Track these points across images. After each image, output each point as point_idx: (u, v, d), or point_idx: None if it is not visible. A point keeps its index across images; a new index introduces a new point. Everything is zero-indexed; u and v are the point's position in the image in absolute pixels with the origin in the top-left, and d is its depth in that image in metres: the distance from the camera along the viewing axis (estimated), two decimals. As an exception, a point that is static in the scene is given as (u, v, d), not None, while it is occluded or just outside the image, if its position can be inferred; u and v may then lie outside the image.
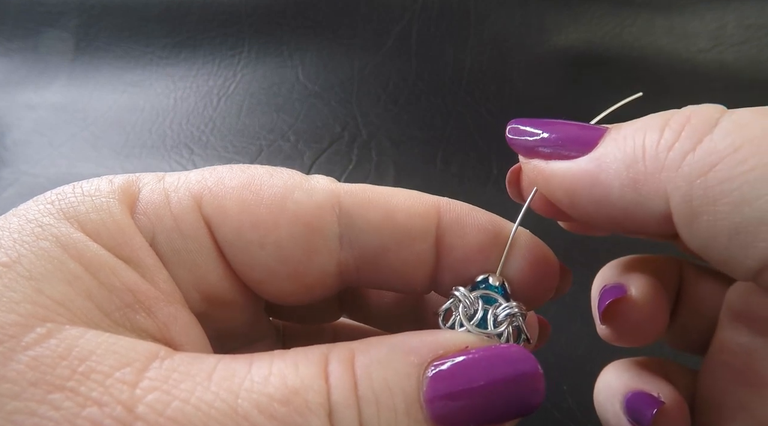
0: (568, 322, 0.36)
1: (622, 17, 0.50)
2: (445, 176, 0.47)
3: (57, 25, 0.56)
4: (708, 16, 0.50)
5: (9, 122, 0.53)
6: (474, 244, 0.19)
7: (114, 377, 0.14)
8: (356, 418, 0.15)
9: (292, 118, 0.51)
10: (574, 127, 0.19)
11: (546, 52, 0.50)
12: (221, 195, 0.19)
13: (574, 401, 0.33)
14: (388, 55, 0.51)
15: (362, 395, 0.15)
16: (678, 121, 0.17)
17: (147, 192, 0.18)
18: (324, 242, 0.19)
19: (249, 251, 0.19)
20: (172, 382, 0.14)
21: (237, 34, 0.54)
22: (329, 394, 0.15)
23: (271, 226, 0.18)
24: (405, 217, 0.19)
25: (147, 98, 0.53)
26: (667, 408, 0.21)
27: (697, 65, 0.49)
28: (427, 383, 0.15)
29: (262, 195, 0.19)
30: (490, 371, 0.15)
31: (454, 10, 0.51)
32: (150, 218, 0.18)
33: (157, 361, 0.14)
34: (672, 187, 0.16)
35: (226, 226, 0.18)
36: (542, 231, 0.24)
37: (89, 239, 0.16)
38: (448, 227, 0.20)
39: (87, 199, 0.17)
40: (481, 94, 0.49)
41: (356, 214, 0.19)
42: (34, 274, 0.15)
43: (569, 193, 0.18)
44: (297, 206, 0.19)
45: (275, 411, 0.14)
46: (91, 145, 0.51)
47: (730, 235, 0.15)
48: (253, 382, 0.14)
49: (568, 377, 0.33)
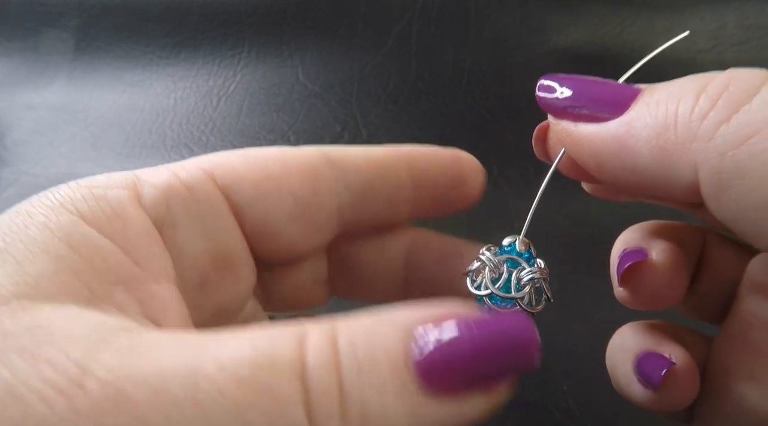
0: (568, 322, 0.36)
1: (622, 17, 0.50)
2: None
3: (57, 25, 0.56)
4: (708, 16, 0.50)
5: (9, 122, 0.53)
6: (440, 169, 0.24)
7: (75, 343, 0.13)
8: (335, 381, 0.14)
9: (292, 118, 0.51)
10: (607, 86, 0.18)
11: (546, 52, 0.50)
12: (230, 164, 0.21)
13: (574, 401, 0.33)
14: (388, 55, 0.51)
15: (343, 357, 0.14)
16: (716, 87, 0.16)
17: (151, 175, 0.19)
18: (326, 184, 0.22)
19: (267, 203, 0.21)
20: (134, 347, 0.14)
21: (237, 34, 0.54)
22: (304, 356, 0.14)
23: (285, 176, 0.21)
24: (381, 154, 0.23)
25: (147, 98, 0.53)
26: (677, 369, 0.21)
27: (697, 65, 0.49)
28: (415, 347, 0.14)
29: (264, 157, 0.21)
30: (480, 336, 0.15)
31: (454, 10, 0.51)
32: (162, 191, 0.19)
33: (123, 332, 0.14)
34: (702, 159, 0.15)
35: (244, 184, 0.21)
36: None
37: (81, 221, 0.17)
38: (415, 159, 0.23)
39: (84, 189, 0.18)
40: (481, 94, 0.49)
41: (340, 158, 0.23)
42: (18, 258, 0.15)
43: (597, 157, 0.18)
44: (297, 159, 0.22)
45: (240, 373, 0.13)
46: (91, 145, 0.51)
47: (757, 209, 0.15)
48: (219, 347, 0.14)
49: (568, 377, 0.33)
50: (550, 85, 0.19)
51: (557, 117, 0.19)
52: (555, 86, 0.19)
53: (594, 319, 0.36)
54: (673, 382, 0.21)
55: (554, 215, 0.41)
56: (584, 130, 0.18)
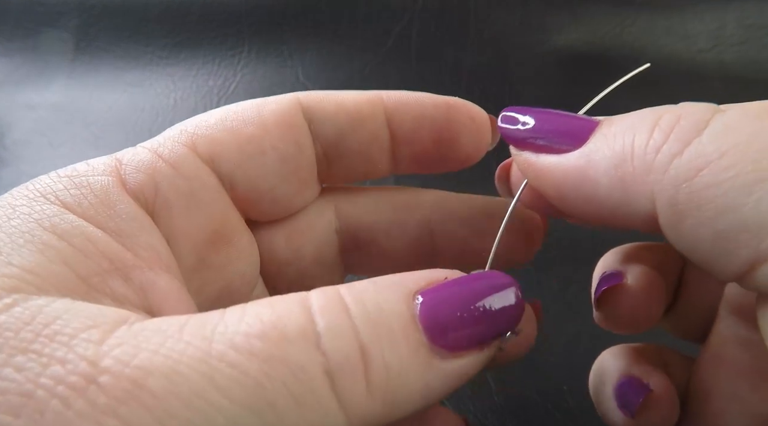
0: (568, 322, 0.36)
1: (622, 17, 0.50)
2: (445, 176, 0.47)
3: (57, 25, 0.55)
4: (708, 16, 0.50)
5: (9, 122, 0.53)
6: (419, 116, 0.22)
7: (79, 337, 0.13)
8: (354, 343, 0.14)
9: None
10: (567, 118, 0.19)
11: (546, 52, 0.50)
12: (208, 133, 0.20)
13: (574, 401, 0.33)
14: (388, 55, 0.51)
15: (356, 318, 0.15)
16: (668, 120, 0.16)
17: (131, 157, 0.19)
18: (304, 137, 0.22)
19: (254, 163, 0.21)
20: (140, 338, 0.13)
21: (237, 34, 0.54)
22: (313, 322, 0.14)
23: (265, 135, 0.21)
24: (353, 104, 0.22)
25: (147, 98, 0.53)
26: (654, 396, 0.22)
27: (697, 65, 0.49)
28: (419, 308, 0.15)
29: (243, 117, 0.21)
30: (473, 291, 0.16)
31: (454, 10, 0.51)
32: (147, 174, 0.19)
33: (125, 325, 0.14)
34: (658, 190, 0.16)
35: (227, 151, 0.20)
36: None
37: (66, 211, 0.16)
38: (393, 107, 0.23)
39: (64, 179, 0.17)
40: (481, 94, 0.49)
41: (314, 108, 0.22)
42: (3, 250, 0.15)
43: (558, 188, 0.18)
44: (274, 114, 0.21)
45: (253, 347, 0.13)
46: (91, 145, 0.51)
47: (713, 240, 0.15)
48: (227, 325, 0.14)
49: (568, 377, 0.33)
50: (512, 116, 0.20)
51: (519, 148, 0.19)
52: (517, 117, 0.19)
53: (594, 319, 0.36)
54: (650, 409, 0.22)
55: (554, 215, 0.41)
56: (545, 161, 0.18)
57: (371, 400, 0.14)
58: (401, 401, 0.15)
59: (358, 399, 0.14)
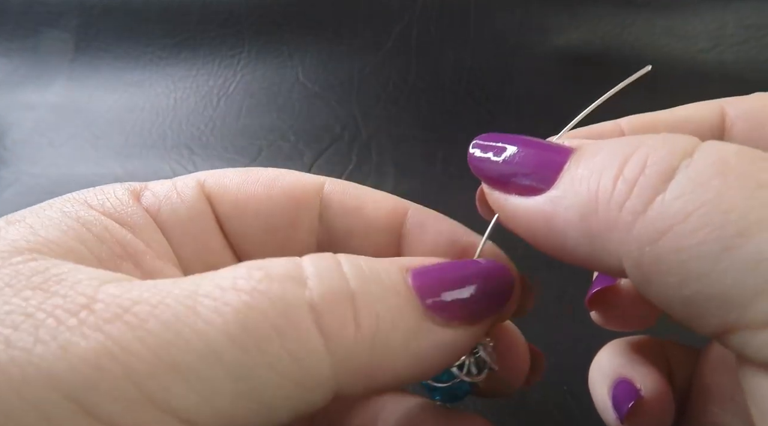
0: (568, 322, 0.36)
1: (622, 17, 0.50)
2: (445, 176, 0.47)
3: (57, 25, 0.55)
4: (708, 16, 0.50)
5: (9, 122, 0.53)
6: (432, 247, 0.21)
7: (83, 283, 0.14)
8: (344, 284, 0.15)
9: (292, 118, 0.51)
10: (538, 150, 0.18)
11: (546, 52, 0.50)
12: (221, 177, 0.21)
13: (574, 401, 0.33)
14: (388, 55, 0.51)
15: (348, 271, 0.15)
16: (633, 167, 0.15)
17: (153, 183, 0.21)
18: (307, 218, 0.21)
19: (244, 221, 0.21)
20: (136, 283, 0.15)
21: (237, 34, 0.54)
22: (301, 267, 0.15)
23: (264, 199, 0.21)
24: (373, 210, 0.21)
25: (147, 98, 0.53)
26: (645, 401, 0.22)
27: (697, 65, 0.49)
28: (411, 275, 0.16)
29: (258, 176, 0.21)
30: (464, 267, 0.17)
31: (454, 10, 0.51)
32: (157, 196, 0.20)
33: (125, 280, 0.15)
34: (623, 250, 0.15)
35: (225, 198, 0.21)
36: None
37: (90, 208, 0.18)
38: (410, 228, 0.21)
39: (91, 190, 0.20)
40: (481, 94, 0.49)
41: (334, 199, 0.22)
42: (34, 226, 0.16)
43: (528, 233, 0.18)
44: (287, 184, 0.21)
45: (236, 284, 0.14)
46: (91, 145, 0.51)
47: (681, 304, 0.14)
48: (216, 273, 0.15)
49: (569, 377, 0.33)
50: (483, 144, 0.19)
51: (489, 186, 0.19)
52: (485, 156, 0.19)
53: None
54: (641, 414, 0.22)
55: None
56: (514, 204, 0.18)
57: (359, 343, 0.14)
58: (390, 356, 0.15)
59: (345, 339, 0.14)
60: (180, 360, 0.13)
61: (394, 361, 0.15)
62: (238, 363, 0.13)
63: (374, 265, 0.16)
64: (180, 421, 0.13)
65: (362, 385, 0.15)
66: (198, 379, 0.13)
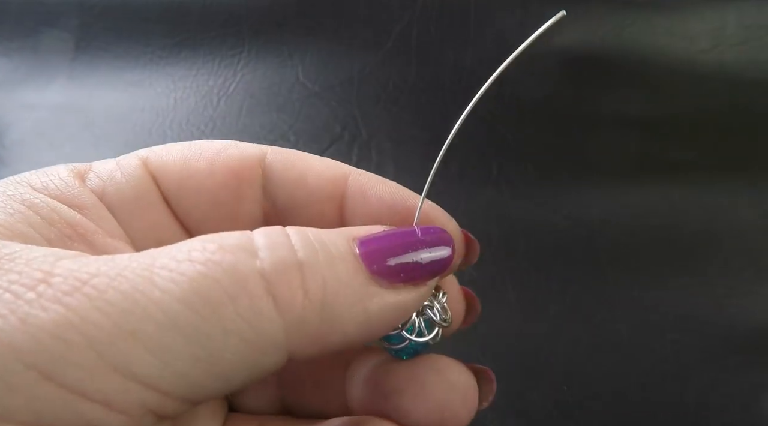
0: (568, 322, 0.36)
1: (622, 17, 0.50)
2: (445, 176, 0.47)
3: (57, 25, 0.55)
4: (708, 16, 0.50)
5: (9, 122, 0.53)
6: (375, 212, 0.22)
7: (37, 259, 0.15)
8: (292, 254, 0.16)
9: (292, 118, 0.51)
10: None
11: (546, 52, 0.50)
12: (164, 154, 0.22)
13: (574, 401, 0.33)
14: (388, 55, 0.51)
15: (296, 242, 0.16)
16: None
17: (96, 163, 0.21)
18: (251, 191, 0.22)
19: (189, 196, 0.21)
20: (92, 259, 0.15)
21: (237, 34, 0.54)
22: (252, 239, 0.16)
23: (208, 174, 0.21)
24: (315, 179, 0.22)
25: (147, 98, 0.53)
26: None
27: (697, 65, 0.49)
28: (358, 244, 0.17)
29: (200, 151, 0.22)
30: (408, 234, 0.18)
31: (454, 10, 0.51)
32: (100, 177, 0.20)
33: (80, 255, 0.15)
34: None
35: (169, 176, 0.21)
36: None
37: (35, 191, 0.18)
38: (352, 195, 0.22)
39: (34, 173, 0.19)
40: (481, 94, 0.49)
41: (276, 170, 0.22)
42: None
43: None
44: (229, 159, 0.22)
45: (191, 255, 0.15)
46: (91, 145, 0.51)
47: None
48: (173, 247, 0.15)
49: (568, 377, 0.33)
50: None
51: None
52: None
53: (594, 319, 0.36)
54: None
55: (554, 216, 0.41)
56: None
57: (309, 308, 0.15)
58: (339, 319, 0.16)
59: (295, 304, 0.15)
60: (139, 328, 0.14)
61: (342, 324, 0.16)
62: (194, 328, 0.14)
63: (321, 236, 0.17)
64: (142, 385, 0.14)
65: (314, 347, 0.16)
66: (157, 346, 0.14)
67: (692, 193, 0.43)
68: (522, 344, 0.37)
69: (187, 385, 0.14)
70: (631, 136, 0.45)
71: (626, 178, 0.44)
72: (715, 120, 0.46)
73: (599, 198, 0.42)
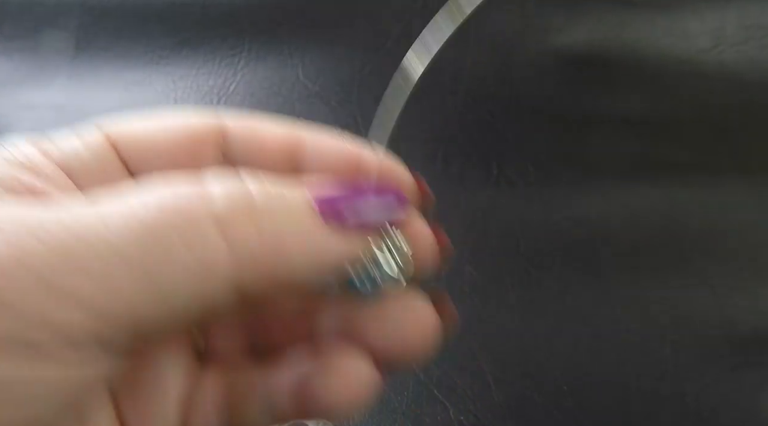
0: (568, 322, 0.36)
1: (622, 17, 0.50)
2: (445, 176, 0.47)
3: (57, 25, 0.55)
4: (708, 16, 0.50)
5: (9, 122, 0.53)
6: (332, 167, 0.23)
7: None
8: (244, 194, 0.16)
9: (292, 118, 0.51)
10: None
11: (546, 52, 0.50)
12: (123, 123, 0.22)
13: (574, 401, 0.33)
14: (388, 55, 0.51)
15: (249, 183, 0.17)
16: None
17: (57, 135, 0.22)
18: (210, 152, 0.22)
19: (148, 160, 0.22)
20: (47, 205, 0.15)
21: (237, 34, 0.54)
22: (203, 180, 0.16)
23: (172, 146, 0.22)
24: (272, 144, 0.23)
25: (147, 98, 0.53)
26: None
27: (697, 65, 0.49)
28: (310, 194, 0.18)
29: (159, 118, 0.22)
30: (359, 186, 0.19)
31: (454, 10, 0.51)
32: (62, 149, 0.21)
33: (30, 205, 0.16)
34: None
35: (130, 146, 0.22)
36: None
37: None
38: (311, 159, 0.23)
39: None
40: (481, 94, 0.49)
41: (235, 138, 0.23)
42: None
43: None
44: (188, 128, 0.22)
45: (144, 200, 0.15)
46: (91, 145, 0.51)
47: None
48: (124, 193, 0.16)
49: (568, 377, 0.33)
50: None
51: None
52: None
53: (594, 319, 0.36)
54: None
55: (554, 216, 0.41)
56: None
57: (261, 247, 0.16)
58: (291, 256, 0.16)
59: (248, 243, 0.16)
60: (88, 265, 0.14)
61: (294, 263, 0.17)
62: (141, 262, 0.15)
63: (276, 181, 0.18)
64: (87, 311, 0.14)
65: (264, 284, 0.16)
66: (101, 274, 0.14)
67: (692, 193, 0.43)
68: (522, 344, 0.37)
69: (131, 311, 0.15)
70: (631, 136, 0.45)
71: (626, 178, 0.44)
72: (715, 120, 0.46)
73: (599, 198, 0.42)
